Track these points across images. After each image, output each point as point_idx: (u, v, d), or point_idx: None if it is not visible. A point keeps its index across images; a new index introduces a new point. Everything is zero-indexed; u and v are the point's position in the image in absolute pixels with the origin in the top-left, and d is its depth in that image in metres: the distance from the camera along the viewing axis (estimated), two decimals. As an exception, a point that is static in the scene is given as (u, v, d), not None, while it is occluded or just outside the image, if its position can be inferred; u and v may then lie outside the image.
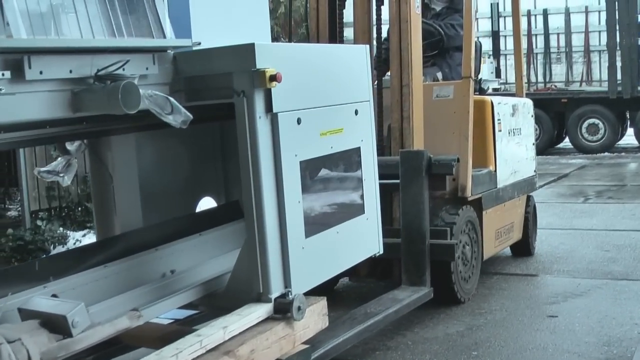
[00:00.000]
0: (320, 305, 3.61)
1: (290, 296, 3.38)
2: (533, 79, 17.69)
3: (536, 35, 17.80)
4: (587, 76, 17.39)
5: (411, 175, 4.84)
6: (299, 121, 3.46)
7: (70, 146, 3.68)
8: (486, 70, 17.91)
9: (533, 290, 5.76)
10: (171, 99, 3.06)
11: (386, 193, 5.17)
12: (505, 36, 17.61)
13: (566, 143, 17.08)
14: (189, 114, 3.09)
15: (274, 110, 3.31)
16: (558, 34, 17.62)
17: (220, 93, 3.36)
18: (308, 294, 3.51)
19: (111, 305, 3.29)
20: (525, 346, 4.48)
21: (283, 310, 3.36)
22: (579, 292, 5.57)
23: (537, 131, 15.98)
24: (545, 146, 16.39)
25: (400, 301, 4.44)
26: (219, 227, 4.08)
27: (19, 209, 8.60)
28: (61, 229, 7.63)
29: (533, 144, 7.02)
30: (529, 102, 6.93)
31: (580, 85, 17.28)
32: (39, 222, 7.47)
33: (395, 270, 5.11)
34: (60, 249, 7.10)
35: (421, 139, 5.21)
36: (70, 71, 2.88)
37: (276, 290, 3.37)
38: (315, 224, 3.61)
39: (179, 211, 4.19)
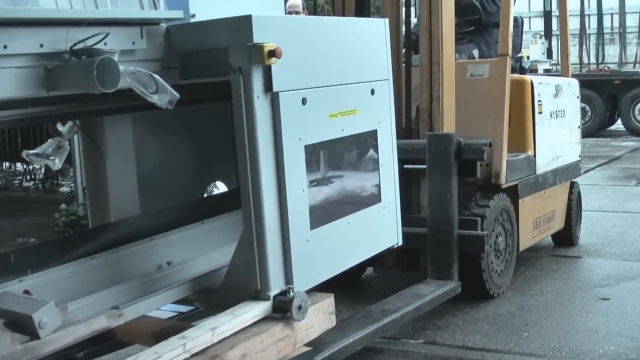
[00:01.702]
0: (327, 303, 3.30)
1: (291, 294, 3.08)
2: (585, 60, 17.14)
3: (589, 15, 17.29)
4: (641, 57, 16.82)
5: (439, 161, 4.49)
6: (304, 101, 3.15)
7: (62, 127, 3.41)
8: (538, 50, 17.40)
9: (584, 273, 5.75)
10: (156, 76, 2.77)
11: (413, 179, 4.86)
12: (557, 16, 16.97)
13: (618, 125, 16.75)
14: (175, 93, 2.80)
15: (275, 89, 3.00)
16: (612, 14, 17.08)
17: (216, 70, 3.06)
18: (324, 288, 3.28)
19: (96, 301, 3.03)
20: (577, 328, 4.43)
21: (282, 310, 3.06)
22: (631, 275, 5.49)
23: (589, 113, 15.93)
24: (597, 128, 16.14)
25: (423, 297, 4.10)
26: (225, 214, 3.78)
27: (72, 185, 8.83)
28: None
29: (578, 127, 6.58)
30: (574, 82, 6.49)
31: (634, 66, 16.86)
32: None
33: (422, 262, 4.78)
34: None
35: (452, 121, 4.84)
36: (42, 45, 2.59)
37: (276, 287, 3.07)
38: (322, 214, 3.30)
39: (184, 197, 3.91)
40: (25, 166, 10.39)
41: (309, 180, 3.20)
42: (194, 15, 3.11)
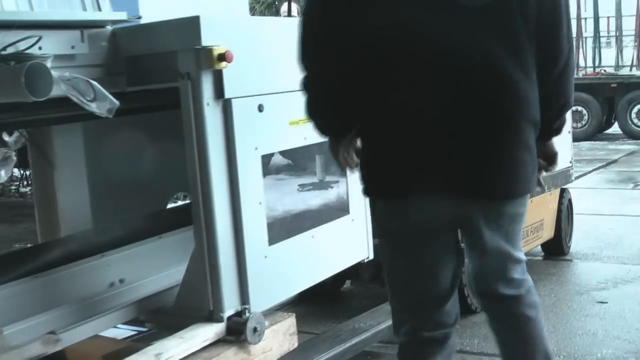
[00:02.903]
0: (287, 323, 3.09)
1: (247, 314, 2.87)
2: (582, 63, 16.95)
3: (586, 19, 17.06)
4: (637, 61, 16.72)
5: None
6: (260, 108, 2.94)
7: (8, 137, 3.21)
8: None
9: (582, 276, 5.68)
10: (94, 83, 2.56)
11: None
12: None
13: (615, 129, 16.55)
14: (115, 100, 2.59)
15: (226, 96, 2.80)
16: (608, 17, 16.85)
17: (165, 76, 2.86)
18: (299, 303, 3.03)
19: (37, 324, 2.81)
20: (575, 332, 4.39)
21: (236, 332, 2.85)
22: (629, 279, 5.42)
23: (586, 116, 15.78)
24: (594, 131, 15.99)
25: (397, 314, 3.88)
26: (185, 228, 3.55)
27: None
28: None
29: (569, 132, 6.37)
30: (564, 86, 6.28)
31: (631, 70, 16.63)
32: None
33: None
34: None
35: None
36: (-36, 49, 2.40)
37: (230, 307, 2.87)
38: (283, 229, 3.09)
39: (144, 210, 3.70)
40: (22, 172, 10.20)
41: (267, 193, 2.99)
42: (140, 17, 2.90)
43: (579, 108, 16.09)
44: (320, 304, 4.80)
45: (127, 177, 3.59)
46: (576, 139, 15.42)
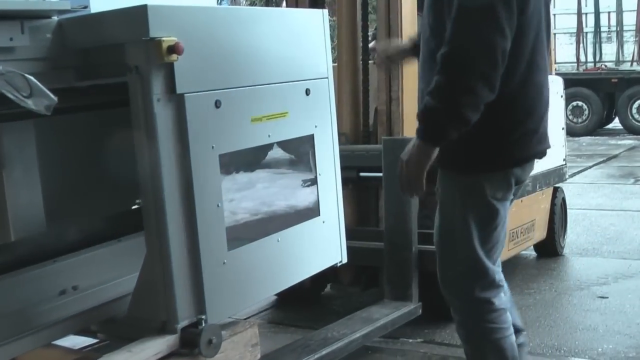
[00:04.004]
0: (249, 333, 2.89)
1: (202, 325, 2.68)
2: (583, 58, 16.80)
3: (586, 14, 16.93)
4: (638, 56, 16.59)
5: (395, 168, 4.05)
6: (217, 104, 2.74)
7: (-46, 136, 3.02)
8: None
9: (583, 271, 5.74)
10: (30, 78, 2.37)
11: (371, 188, 4.45)
12: (554, 14, 16.65)
13: (616, 124, 16.73)
14: (53, 97, 2.39)
15: (179, 91, 2.60)
16: (609, 12, 16.70)
17: (114, 70, 2.67)
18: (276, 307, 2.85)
19: (-22, 336, 2.62)
20: (576, 327, 4.46)
21: (190, 344, 2.65)
22: (629, 274, 5.51)
23: (587, 111, 16.04)
24: (595, 127, 16.20)
25: (374, 322, 3.68)
26: (147, 231, 3.37)
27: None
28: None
29: (562, 128, 6.17)
30: (557, 80, 6.08)
31: (631, 65, 16.59)
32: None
33: (382, 279, 4.36)
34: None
35: (414, 125, 4.42)
36: None
37: (184, 318, 2.67)
38: (245, 232, 2.90)
39: (107, 211, 3.49)
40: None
41: (227, 194, 2.80)
42: (86, 7, 2.70)
43: (580, 103, 15.99)
44: (297, 309, 4.64)
45: (88, 177, 3.38)
46: (577, 134, 15.54)
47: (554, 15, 16.65)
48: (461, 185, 2.81)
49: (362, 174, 4.25)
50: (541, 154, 2.83)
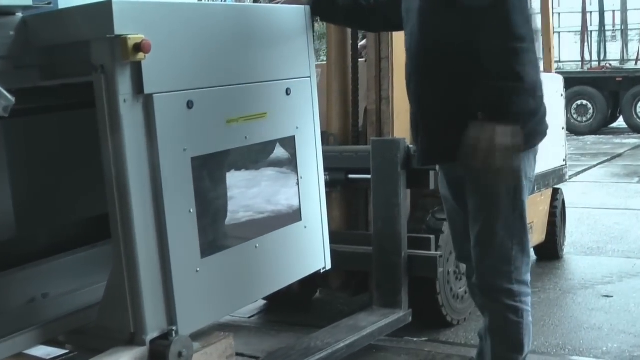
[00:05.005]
0: (224, 345, 2.76)
1: (173, 337, 2.55)
2: (587, 57, 16.68)
3: (591, 12, 16.82)
4: (643, 55, 16.36)
5: (384, 170, 3.94)
6: (190, 105, 2.62)
7: None
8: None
9: (587, 270, 5.70)
10: (-15, 77, 2.25)
11: (359, 191, 4.32)
12: (559, 13, 16.52)
13: (620, 122, 16.65)
14: (10, 97, 2.27)
15: (146, 91, 2.47)
16: (614, 11, 16.59)
17: (79, 69, 2.54)
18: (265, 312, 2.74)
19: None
20: (580, 326, 4.45)
21: (160, 357, 2.53)
22: (634, 273, 5.50)
23: (591, 110, 15.99)
24: (599, 125, 16.16)
25: (361, 331, 3.54)
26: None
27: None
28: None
29: (562, 128, 6.02)
30: (558, 79, 5.95)
31: (636, 63, 16.54)
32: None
33: (372, 284, 4.24)
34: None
35: (404, 125, 4.29)
36: None
37: (154, 329, 2.55)
38: (220, 239, 2.78)
39: (80, 216, 3.37)
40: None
41: (200, 199, 2.67)
42: (50, 3, 2.57)
43: (584, 102, 15.86)
44: (285, 314, 4.53)
45: (62, 181, 3.26)
46: (581, 132, 15.43)
47: (559, 14, 16.56)
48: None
49: (351, 176, 4.12)
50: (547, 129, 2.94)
